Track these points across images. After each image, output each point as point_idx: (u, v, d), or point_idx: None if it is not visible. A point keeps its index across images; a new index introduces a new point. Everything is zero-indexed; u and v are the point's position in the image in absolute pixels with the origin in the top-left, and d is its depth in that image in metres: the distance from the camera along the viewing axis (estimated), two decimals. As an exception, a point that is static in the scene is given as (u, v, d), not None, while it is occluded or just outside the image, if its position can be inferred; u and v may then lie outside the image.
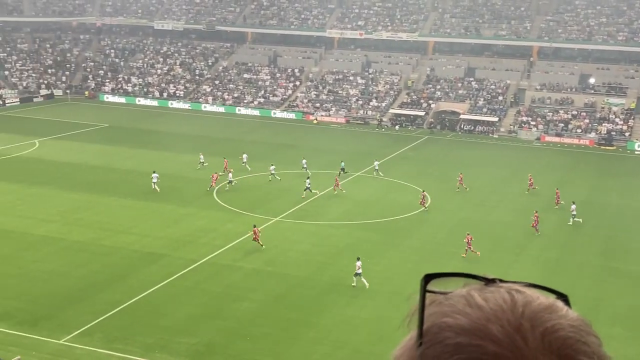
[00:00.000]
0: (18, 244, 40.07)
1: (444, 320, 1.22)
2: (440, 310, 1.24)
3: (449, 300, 1.26)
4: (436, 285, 1.29)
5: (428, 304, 1.27)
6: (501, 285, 1.28)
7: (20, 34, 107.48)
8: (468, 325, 1.19)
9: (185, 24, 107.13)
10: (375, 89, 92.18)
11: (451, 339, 1.18)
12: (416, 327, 1.24)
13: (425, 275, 1.28)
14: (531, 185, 54.51)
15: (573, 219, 46.73)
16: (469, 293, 1.26)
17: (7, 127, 74.22)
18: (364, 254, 40.25)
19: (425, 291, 1.27)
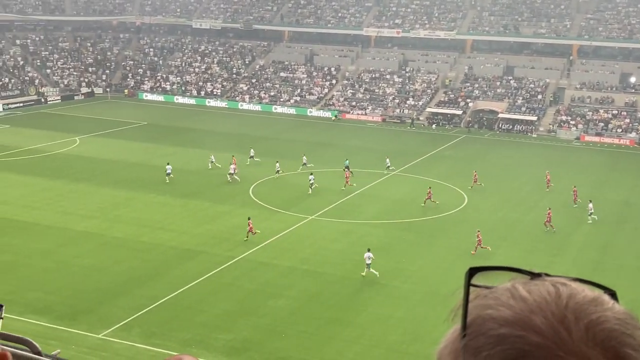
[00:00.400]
0: (59, 240, 40.81)
1: (488, 312, 1.22)
2: (484, 303, 1.24)
3: (493, 293, 1.26)
4: (481, 280, 1.28)
5: (472, 298, 1.26)
6: (546, 279, 1.28)
7: (62, 32, 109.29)
8: (511, 317, 1.19)
9: (222, 22, 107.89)
10: (412, 88, 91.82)
11: (494, 330, 1.18)
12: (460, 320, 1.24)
13: (470, 268, 1.27)
14: (549, 182, 54.45)
15: (590, 216, 46.51)
16: (513, 286, 1.26)
17: (49, 124, 75.56)
18: (400, 253, 40.23)
19: (469, 285, 1.26)
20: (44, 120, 78.40)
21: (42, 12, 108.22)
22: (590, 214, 46.66)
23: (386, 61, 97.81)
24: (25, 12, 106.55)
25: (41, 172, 55.04)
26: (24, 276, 35.37)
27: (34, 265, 37.02)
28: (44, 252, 38.74)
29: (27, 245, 39.60)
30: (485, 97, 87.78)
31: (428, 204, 48.93)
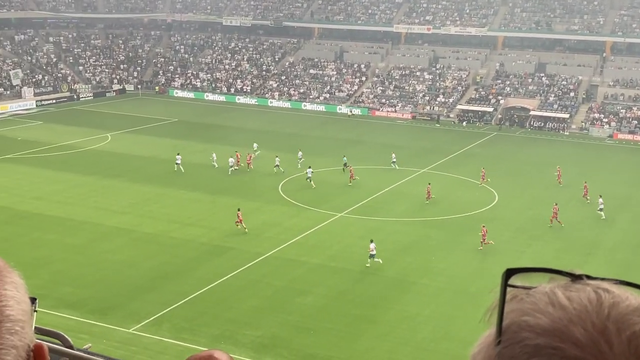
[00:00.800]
0: (91, 235, 41.31)
1: (524, 319, 1.15)
2: (521, 308, 1.17)
3: (530, 297, 1.19)
4: (518, 280, 1.21)
5: (509, 299, 1.19)
6: (588, 283, 1.19)
7: (94, 30, 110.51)
8: (549, 326, 1.12)
9: (253, 19, 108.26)
10: (443, 85, 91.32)
11: (530, 340, 1.11)
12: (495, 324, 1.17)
13: (507, 269, 1.20)
14: (559, 178, 54.66)
15: (601, 211, 46.35)
16: (552, 290, 1.18)
17: (81, 120, 76.48)
18: (429, 251, 40.06)
19: (506, 286, 1.19)
20: (77, 116, 79.36)
21: (75, 10, 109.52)
22: (601, 209, 46.41)
23: (416, 58, 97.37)
24: (59, 10, 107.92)
25: (74, 168, 55.74)
26: (57, 271, 35.87)
27: (67, 260, 37.53)
28: (76, 247, 39.24)
29: (60, 240, 40.15)
30: (516, 94, 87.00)
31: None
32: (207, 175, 54.35)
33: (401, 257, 39.03)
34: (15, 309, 1.23)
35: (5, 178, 51.41)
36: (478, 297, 33.61)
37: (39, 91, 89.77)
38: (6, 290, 1.21)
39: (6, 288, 1.23)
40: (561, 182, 54.35)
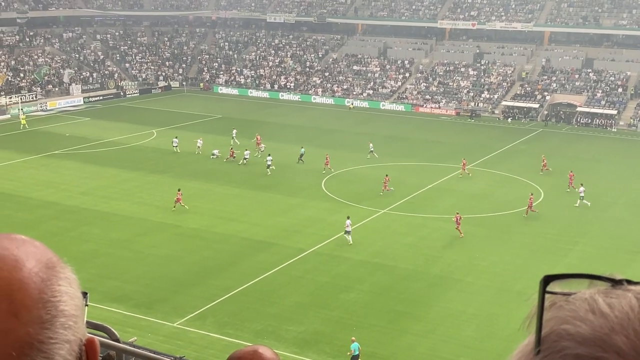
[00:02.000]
0: (136, 229, 41.89)
1: (564, 328, 1.11)
2: (560, 316, 1.13)
3: (570, 304, 1.14)
4: (557, 286, 1.16)
5: (548, 307, 1.15)
6: (629, 289, 1.14)
7: (140, 27, 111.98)
8: (589, 335, 1.07)
9: (296, 16, 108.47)
10: (488, 81, 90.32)
11: (570, 350, 1.08)
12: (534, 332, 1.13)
13: (545, 276, 1.16)
14: (545, 166, 55.90)
15: (581, 200, 46.89)
16: (592, 297, 1.13)
17: (128, 117, 77.59)
18: (473, 248, 39.66)
19: (544, 293, 1.15)
20: (123, 113, 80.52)
21: (122, 8, 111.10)
22: (581, 197, 46.94)
23: (461, 54, 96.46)
24: (106, 8, 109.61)
25: (120, 163, 56.58)
26: (104, 265, 36.47)
27: (113, 254, 38.13)
28: (122, 242, 39.84)
29: (106, 235, 40.81)
30: (563, 90, 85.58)
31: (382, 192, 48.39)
32: (251, 172, 54.65)
33: (445, 254, 38.74)
34: (69, 304, 1.25)
35: (53, 174, 52.45)
36: (523, 295, 33.16)
37: (87, 88, 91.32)
38: (60, 285, 1.24)
39: (60, 284, 1.25)
40: (545, 170, 55.75)
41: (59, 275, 1.25)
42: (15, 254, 1.23)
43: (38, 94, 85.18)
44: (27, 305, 1.17)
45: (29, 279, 1.20)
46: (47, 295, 1.21)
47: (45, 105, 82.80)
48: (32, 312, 1.18)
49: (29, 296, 1.18)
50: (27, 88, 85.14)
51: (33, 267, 1.22)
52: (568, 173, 51.98)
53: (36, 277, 1.21)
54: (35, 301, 1.19)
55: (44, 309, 1.19)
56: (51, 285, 1.23)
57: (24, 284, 1.19)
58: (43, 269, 1.24)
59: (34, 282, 1.20)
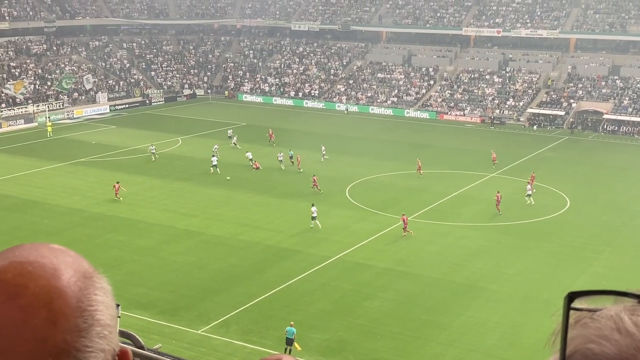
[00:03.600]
0: (161, 237, 42.12)
1: (589, 347, 1.07)
2: (585, 334, 1.09)
3: (595, 321, 1.10)
4: (582, 302, 1.12)
5: (572, 323, 1.11)
6: None
7: (166, 36, 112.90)
8: (615, 355, 1.04)
9: (321, 24, 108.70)
10: (513, 88, 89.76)
11: None
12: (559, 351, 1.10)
13: (569, 293, 1.12)
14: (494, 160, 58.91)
15: (529, 197, 48.71)
16: (618, 314, 1.09)
17: (153, 124, 78.14)
18: (498, 256, 39.35)
19: (569, 310, 1.11)
20: (148, 121, 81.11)
21: (148, 17, 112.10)
22: (529, 195, 48.63)
23: (486, 61, 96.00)
24: (132, 17, 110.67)
25: (145, 171, 56.98)
26: (129, 271, 36.70)
27: (138, 261, 38.37)
28: (147, 249, 40.08)
29: (132, 242, 41.08)
30: (589, 97, 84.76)
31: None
32: (275, 179, 54.78)
33: (470, 263, 38.48)
34: (105, 314, 1.27)
35: (79, 181, 52.96)
36: (549, 304, 32.84)
37: (113, 96, 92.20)
38: (97, 295, 1.26)
39: (97, 293, 1.27)
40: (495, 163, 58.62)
41: (95, 285, 1.28)
42: (54, 262, 1.25)
43: (65, 102, 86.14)
44: (66, 313, 1.19)
45: (67, 288, 1.22)
46: (84, 304, 1.23)
47: (72, 113, 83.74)
48: (70, 320, 1.19)
49: (67, 304, 1.20)
50: (54, 96, 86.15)
51: (71, 277, 1.25)
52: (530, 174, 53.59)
53: (74, 286, 1.24)
54: (73, 309, 1.21)
55: (81, 318, 1.21)
56: (88, 295, 1.25)
57: (63, 293, 1.21)
58: (81, 278, 1.26)
59: (72, 291, 1.22)
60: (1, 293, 1.17)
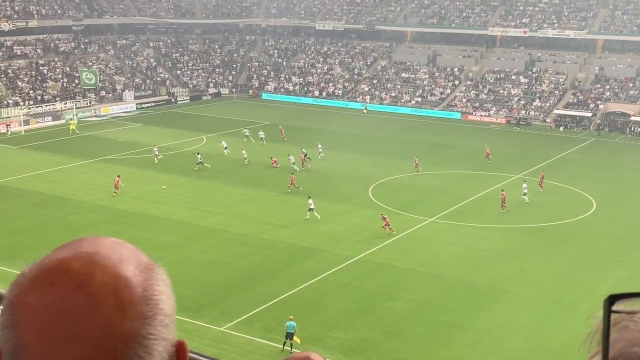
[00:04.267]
0: (185, 234, 42.40)
1: (634, 351, 1.06)
2: (629, 337, 1.08)
3: (637, 324, 1.10)
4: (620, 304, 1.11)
5: (612, 325, 1.10)
6: None
7: (192, 35, 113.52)
8: None
9: (345, 24, 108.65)
10: (539, 89, 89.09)
11: None
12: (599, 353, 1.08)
13: (610, 296, 1.11)
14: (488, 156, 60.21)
15: (524, 196, 48.88)
16: None
17: (178, 123, 78.62)
18: (522, 258, 39.11)
19: (610, 313, 1.10)
20: (174, 119, 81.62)
21: (174, 16, 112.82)
22: (524, 193, 48.78)
23: (512, 61, 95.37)
24: (159, 16, 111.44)
25: (170, 169, 57.35)
26: (153, 268, 36.89)
27: (163, 258, 38.01)
28: (172, 246, 40.36)
29: (157, 239, 41.39)
30: (616, 99, 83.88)
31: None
32: (298, 178, 54.86)
33: (493, 265, 38.28)
34: (167, 304, 1.32)
35: (106, 178, 53.45)
36: (573, 307, 32.62)
37: (139, 94, 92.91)
38: (159, 286, 1.32)
39: (159, 284, 1.33)
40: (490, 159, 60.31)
41: (157, 276, 1.34)
42: (118, 253, 1.31)
43: (92, 100, 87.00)
44: (132, 301, 1.24)
45: (133, 278, 1.28)
46: (149, 293, 1.29)
47: (99, 111, 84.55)
48: (136, 308, 1.24)
49: (133, 293, 1.25)
50: (82, 94, 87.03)
51: (136, 267, 1.31)
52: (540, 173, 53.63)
53: (139, 276, 1.30)
54: (139, 298, 1.26)
55: (146, 306, 1.27)
56: (152, 285, 1.31)
57: (129, 282, 1.26)
58: (144, 269, 1.33)
59: (137, 280, 1.28)
60: (70, 281, 1.22)
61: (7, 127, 73.00)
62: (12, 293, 1.26)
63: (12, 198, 48.16)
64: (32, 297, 1.22)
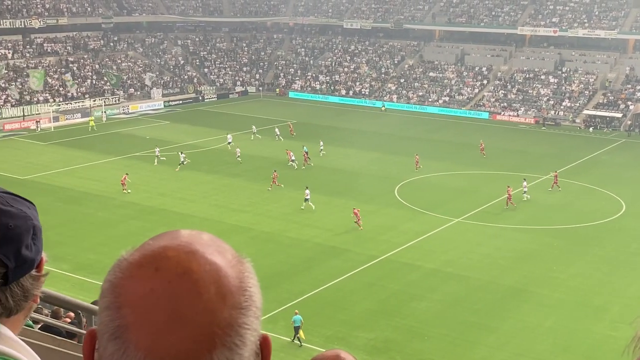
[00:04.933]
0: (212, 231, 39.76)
1: None
2: None
3: None
4: None
5: None
6: None
7: (220, 33, 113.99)
8: None
9: (373, 22, 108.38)
10: (569, 89, 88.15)
11: None
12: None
13: None
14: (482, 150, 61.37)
15: (524, 194, 49.02)
16: None
17: (206, 121, 79.00)
18: (550, 260, 38.71)
19: None
20: (201, 117, 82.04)
21: (202, 14, 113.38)
22: (524, 192, 48.93)
23: (541, 61, 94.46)
24: (187, 14, 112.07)
25: (197, 166, 57.63)
26: (179, 265, 37.10)
27: (188, 255, 38.75)
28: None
29: (182, 236, 41.51)
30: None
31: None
32: (325, 177, 54.85)
33: (521, 266, 37.93)
34: (257, 297, 1.34)
35: (133, 175, 53.85)
36: (602, 310, 32.23)
37: (167, 92, 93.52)
38: (251, 278, 1.34)
39: (251, 277, 1.35)
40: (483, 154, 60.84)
41: (248, 269, 1.36)
42: (215, 244, 1.35)
43: (121, 97, 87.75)
44: (232, 291, 1.28)
45: (230, 268, 1.31)
46: (244, 284, 1.32)
47: (127, 108, 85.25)
48: (235, 297, 1.28)
49: (232, 283, 1.29)
50: (110, 91, 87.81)
51: (231, 259, 1.34)
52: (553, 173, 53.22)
53: (235, 267, 1.33)
54: (237, 288, 1.29)
55: (243, 296, 1.30)
56: (246, 277, 1.34)
57: (228, 272, 1.30)
58: (238, 261, 1.36)
59: (234, 271, 1.32)
60: (176, 266, 1.27)
61: (37, 123, 73.91)
62: (115, 276, 1.30)
63: (41, 194, 48.65)
64: (137, 281, 1.27)
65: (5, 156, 61.21)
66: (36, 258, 1.77)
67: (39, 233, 1.80)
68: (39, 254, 1.78)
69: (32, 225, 1.77)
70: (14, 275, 1.70)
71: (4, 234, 1.69)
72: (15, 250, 1.70)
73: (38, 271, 1.79)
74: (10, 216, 1.72)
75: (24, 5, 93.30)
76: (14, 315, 1.73)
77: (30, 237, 1.75)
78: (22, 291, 1.73)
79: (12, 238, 1.70)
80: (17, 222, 1.73)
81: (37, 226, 1.79)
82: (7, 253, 1.68)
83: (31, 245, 1.75)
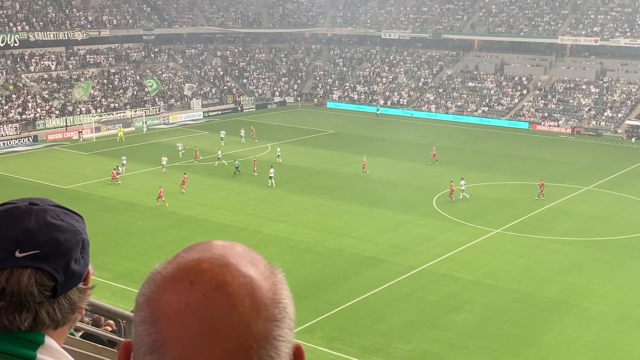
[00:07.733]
0: (249, 241, 42.70)
1: None
2: None
3: None
4: None
5: None
6: None
7: (259, 44, 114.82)
8: None
9: (411, 32, 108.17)
10: (610, 99, 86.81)
11: None
12: None
13: None
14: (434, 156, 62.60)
15: (462, 193, 51.01)
16: None
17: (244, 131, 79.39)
18: (592, 273, 38.10)
19: None
20: (240, 127, 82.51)
21: (242, 25, 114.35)
22: (462, 191, 50.94)
23: (582, 71, 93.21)
24: (226, 25, 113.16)
25: (235, 176, 57.99)
26: (217, 274, 37.32)
27: (226, 264, 38.96)
28: (235, 253, 40.67)
29: (220, 245, 41.78)
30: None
31: None
32: (361, 187, 54.77)
33: (562, 278, 37.38)
34: (291, 308, 1.35)
35: (173, 184, 54.43)
36: (645, 324, 31.57)
37: (207, 102, 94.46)
38: (285, 290, 1.36)
39: (284, 288, 1.37)
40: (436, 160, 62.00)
41: (280, 280, 1.37)
42: (249, 256, 1.36)
43: (161, 108, 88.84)
44: (266, 303, 1.29)
45: (264, 281, 1.32)
46: (278, 296, 1.33)
47: (167, 118, 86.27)
48: (269, 310, 1.29)
49: (266, 296, 1.30)
50: (151, 102, 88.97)
51: (265, 271, 1.35)
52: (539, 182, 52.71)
53: (269, 279, 1.34)
54: (271, 300, 1.30)
55: (277, 309, 1.31)
56: (279, 289, 1.35)
57: (262, 285, 1.31)
58: (271, 273, 1.37)
59: (268, 283, 1.33)
60: (210, 280, 1.27)
61: (79, 133, 75.18)
62: (150, 290, 1.30)
63: (82, 203, 49.43)
64: (172, 294, 1.26)
65: (48, 166, 62.38)
66: (84, 271, 1.79)
67: (87, 246, 1.81)
68: (86, 267, 1.80)
69: (82, 239, 1.78)
70: (62, 288, 1.71)
71: (55, 248, 1.71)
72: (64, 264, 1.71)
73: (85, 284, 1.80)
74: (61, 230, 1.73)
75: (67, 17, 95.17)
76: (60, 327, 1.75)
77: (79, 251, 1.76)
78: (70, 304, 1.75)
79: (62, 252, 1.72)
80: (67, 236, 1.74)
81: (85, 240, 1.80)
82: (57, 267, 1.70)
83: (80, 259, 1.76)
